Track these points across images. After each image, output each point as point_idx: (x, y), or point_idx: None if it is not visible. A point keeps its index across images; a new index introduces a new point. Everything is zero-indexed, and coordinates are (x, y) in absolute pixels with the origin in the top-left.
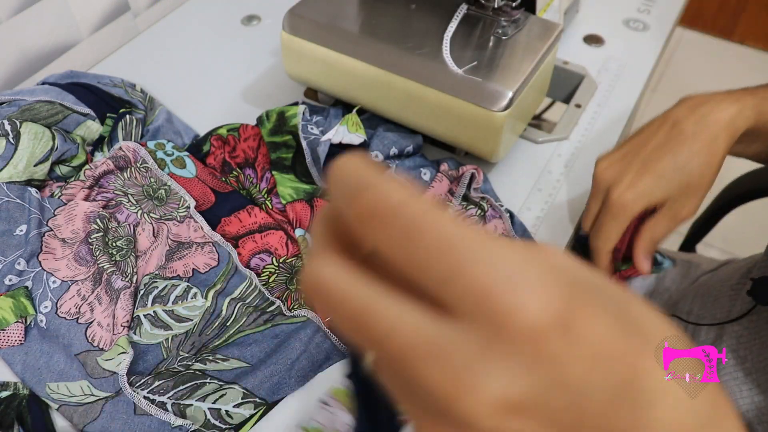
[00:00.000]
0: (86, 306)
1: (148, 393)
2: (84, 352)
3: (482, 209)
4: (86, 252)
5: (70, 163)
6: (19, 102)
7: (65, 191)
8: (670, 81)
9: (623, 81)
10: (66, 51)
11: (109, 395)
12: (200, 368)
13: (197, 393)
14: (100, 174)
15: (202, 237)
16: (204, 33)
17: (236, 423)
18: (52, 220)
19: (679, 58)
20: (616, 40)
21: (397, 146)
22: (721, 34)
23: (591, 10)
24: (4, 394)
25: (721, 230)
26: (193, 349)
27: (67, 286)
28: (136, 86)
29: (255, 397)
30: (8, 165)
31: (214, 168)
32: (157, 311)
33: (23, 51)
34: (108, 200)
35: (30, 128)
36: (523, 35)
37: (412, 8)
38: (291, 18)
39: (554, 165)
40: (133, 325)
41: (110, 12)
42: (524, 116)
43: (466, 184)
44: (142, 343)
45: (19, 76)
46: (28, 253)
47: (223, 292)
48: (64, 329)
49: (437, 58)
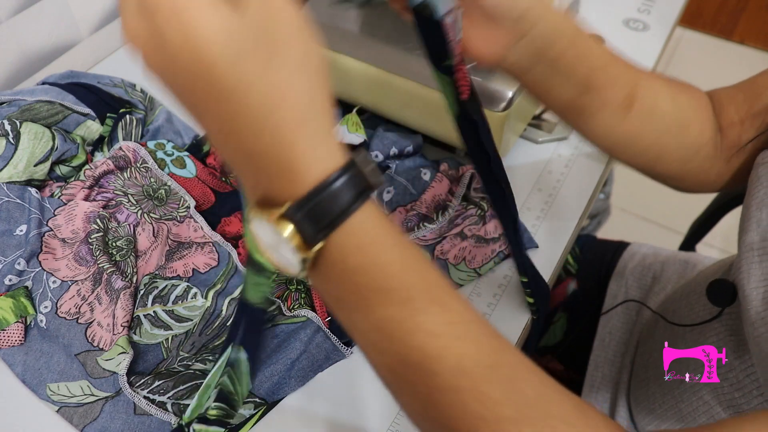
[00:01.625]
0: (86, 306)
1: (148, 393)
2: (84, 352)
3: (482, 209)
4: (86, 252)
5: (70, 163)
6: (19, 102)
7: (65, 191)
8: None
9: None
10: (66, 51)
11: (109, 395)
12: (200, 368)
13: (197, 393)
14: (100, 174)
15: (202, 237)
16: None
17: (236, 423)
18: (52, 220)
19: (679, 58)
20: (616, 40)
21: (397, 146)
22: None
23: (591, 10)
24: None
25: (721, 230)
26: (193, 349)
27: (67, 286)
28: (136, 86)
29: (255, 397)
30: (8, 165)
31: (214, 168)
32: (157, 311)
33: (23, 51)
34: (108, 200)
35: (30, 128)
36: None
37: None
38: None
39: (554, 165)
40: (133, 325)
41: (110, 12)
42: (524, 116)
43: (466, 184)
44: (142, 343)
45: (19, 76)
46: (28, 253)
47: (223, 292)
48: (64, 329)
49: None
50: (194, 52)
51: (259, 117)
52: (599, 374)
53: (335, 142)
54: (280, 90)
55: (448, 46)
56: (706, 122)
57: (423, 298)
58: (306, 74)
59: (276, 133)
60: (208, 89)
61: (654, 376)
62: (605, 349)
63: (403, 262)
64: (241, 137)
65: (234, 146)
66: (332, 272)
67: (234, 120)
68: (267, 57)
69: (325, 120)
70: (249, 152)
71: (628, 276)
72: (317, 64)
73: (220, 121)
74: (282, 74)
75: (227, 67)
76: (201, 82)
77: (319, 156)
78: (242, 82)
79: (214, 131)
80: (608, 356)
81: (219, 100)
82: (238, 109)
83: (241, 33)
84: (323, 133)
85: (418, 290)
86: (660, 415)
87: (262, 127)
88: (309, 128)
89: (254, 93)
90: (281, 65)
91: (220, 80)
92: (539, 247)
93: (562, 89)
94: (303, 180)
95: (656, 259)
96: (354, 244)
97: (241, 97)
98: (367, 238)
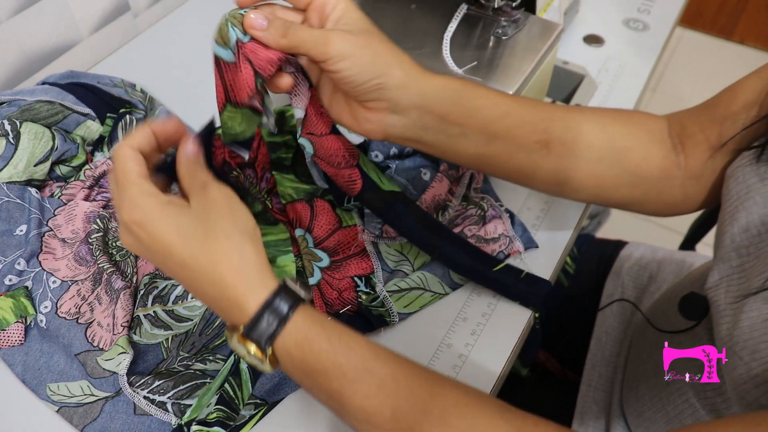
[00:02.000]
0: (86, 306)
1: (148, 393)
2: (84, 352)
3: (482, 209)
4: (86, 252)
5: (70, 163)
6: (19, 102)
7: (65, 191)
8: (670, 81)
9: (623, 81)
10: (66, 51)
11: (109, 395)
12: (200, 368)
13: (197, 393)
14: (100, 174)
15: None
16: (204, 33)
17: (237, 424)
18: (52, 220)
19: (679, 58)
20: (616, 40)
21: (397, 146)
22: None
23: (591, 10)
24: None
25: None
26: (193, 349)
27: (67, 286)
28: (136, 86)
29: (255, 398)
30: (8, 165)
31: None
32: (157, 311)
33: (23, 51)
34: (108, 200)
35: (30, 128)
36: (523, 35)
37: (412, 8)
38: None
39: None
40: (133, 325)
41: (110, 12)
42: None
43: (466, 184)
44: (142, 343)
45: (19, 76)
46: (28, 253)
47: None
48: (64, 329)
49: (437, 58)
50: (160, 245)
51: (207, 274)
52: (596, 373)
53: (267, 275)
54: (217, 254)
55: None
56: (650, 145)
57: (354, 370)
58: (233, 238)
59: (221, 282)
60: (173, 263)
61: (643, 378)
62: (602, 349)
63: (333, 348)
64: (202, 288)
65: (199, 294)
66: (287, 364)
67: (194, 279)
68: (204, 234)
69: (255, 264)
70: (209, 297)
71: (624, 275)
72: (243, 228)
73: (187, 280)
74: (217, 244)
75: (180, 249)
76: (168, 260)
77: (255, 290)
78: (192, 255)
79: (186, 286)
80: (604, 355)
81: (182, 268)
82: (194, 272)
83: (187, 224)
84: (255, 273)
85: (349, 366)
86: (649, 417)
87: (211, 280)
88: (243, 274)
89: (200, 260)
90: (215, 238)
91: (178, 258)
92: (539, 247)
93: (465, 145)
94: (247, 310)
95: (653, 259)
96: (293, 343)
97: (193, 264)
98: (301, 337)
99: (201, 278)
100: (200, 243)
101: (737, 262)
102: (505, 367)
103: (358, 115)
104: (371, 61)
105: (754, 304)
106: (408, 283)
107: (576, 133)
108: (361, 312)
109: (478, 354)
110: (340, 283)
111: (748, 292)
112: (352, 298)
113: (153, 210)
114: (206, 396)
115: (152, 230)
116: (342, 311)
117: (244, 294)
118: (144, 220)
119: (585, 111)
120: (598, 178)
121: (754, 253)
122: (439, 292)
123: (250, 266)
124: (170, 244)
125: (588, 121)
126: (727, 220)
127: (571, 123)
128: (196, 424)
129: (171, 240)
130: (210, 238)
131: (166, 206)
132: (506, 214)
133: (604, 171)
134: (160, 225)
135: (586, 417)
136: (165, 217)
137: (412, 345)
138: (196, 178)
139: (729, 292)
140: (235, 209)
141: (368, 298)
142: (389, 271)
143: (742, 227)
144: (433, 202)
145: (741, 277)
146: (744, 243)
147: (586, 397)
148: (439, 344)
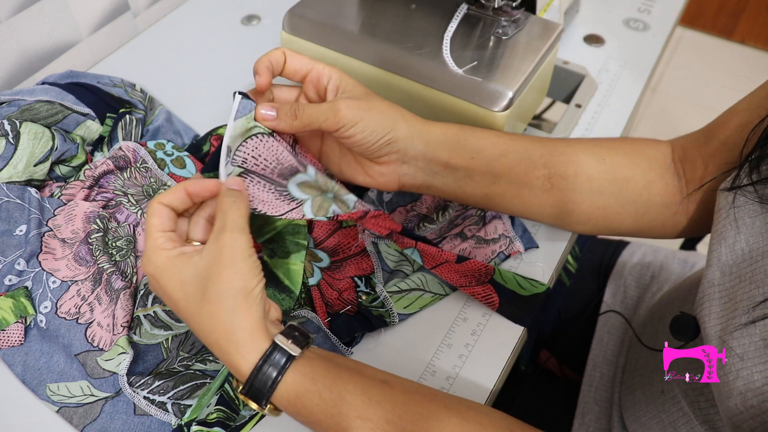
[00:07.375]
0: (86, 306)
1: (148, 393)
2: (84, 353)
3: (482, 209)
4: (86, 252)
5: (70, 163)
6: (19, 102)
7: (65, 191)
8: (670, 81)
9: (623, 81)
10: (66, 51)
11: (109, 395)
12: (200, 368)
13: (197, 393)
14: (100, 174)
15: None
16: (204, 33)
17: (236, 423)
18: (51, 220)
19: (679, 58)
20: (616, 40)
21: None
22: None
23: (591, 10)
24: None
25: None
26: (193, 349)
27: (66, 286)
28: (136, 86)
29: None
30: (8, 165)
31: None
32: (157, 311)
33: (23, 51)
34: (108, 200)
35: (30, 128)
36: (523, 35)
37: (412, 8)
38: (291, 18)
39: None
40: (133, 325)
41: (110, 12)
42: (524, 116)
43: None
44: (142, 343)
45: (19, 76)
46: (28, 253)
47: None
48: (64, 329)
49: (437, 58)
50: (168, 298)
51: (205, 334)
52: (597, 374)
53: (258, 337)
54: (210, 318)
55: None
56: (651, 174)
57: (347, 419)
58: (225, 303)
59: (216, 344)
60: (181, 314)
61: (639, 383)
62: (603, 349)
63: (324, 402)
64: (206, 341)
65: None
66: (287, 412)
67: (198, 332)
68: (202, 294)
69: (245, 329)
70: (213, 350)
71: (626, 275)
72: (238, 288)
73: (194, 331)
74: (210, 307)
75: (184, 304)
76: (177, 311)
77: (245, 355)
78: (191, 313)
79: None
80: (606, 355)
81: (187, 320)
82: (196, 327)
83: (189, 281)
84: (246, 338)
85: (341, 417)
86: (645, 423)
87: (209, 340)
88: (233, 340)
89: (199, 320)
90: (209, 301)
91: (183, 312)
92: (539, 247)
93: (472, 186)
94: (242, 372)
95: (655, 258)
96: (286, 402)
97: (194, 321)
98: (293, 396)
99: (201, 334)
100: (198, 303)
101: (728, 284)
102: (506, 367)
103: (372, 171)
104: (379, 120)
105: (745, 332)
106: (408, 284)
107: (576, 167)
108: (361, 312)
109: (478, 354)
110: (340, 283)
111: (735, 317)
112: (353, 299)
113: (162, 264)
114: (206, 396)
115: (162, 283)
116: (342, 311)
117: (236, 358)
118: (155, 273)
119: (584, 143)
120: (602, 209)
121: (736, 274)
122: (440, 293)
123: (240, 332)
124: (176, 299)
125: (587, 153)
126: (715, 240)
127: (571, 156)
128: (196, 425)
129: (176, 295)
130: (205, 300)
131: (175, 259)
132: (506, 215)
133: (608, 202)
134: (168, 279)
135: (588, 417)
136: (172, 270)
137: (412, 345)
138: (220, 219)
139: (719, 317)
140: (236, 262)
141: (368, 298)
142: (389, 272)
143: (729, 246)
144: (433, 203)
145: (729, 300)
146: (728, 263)
147: (587, 397)
148: (439, 345)
